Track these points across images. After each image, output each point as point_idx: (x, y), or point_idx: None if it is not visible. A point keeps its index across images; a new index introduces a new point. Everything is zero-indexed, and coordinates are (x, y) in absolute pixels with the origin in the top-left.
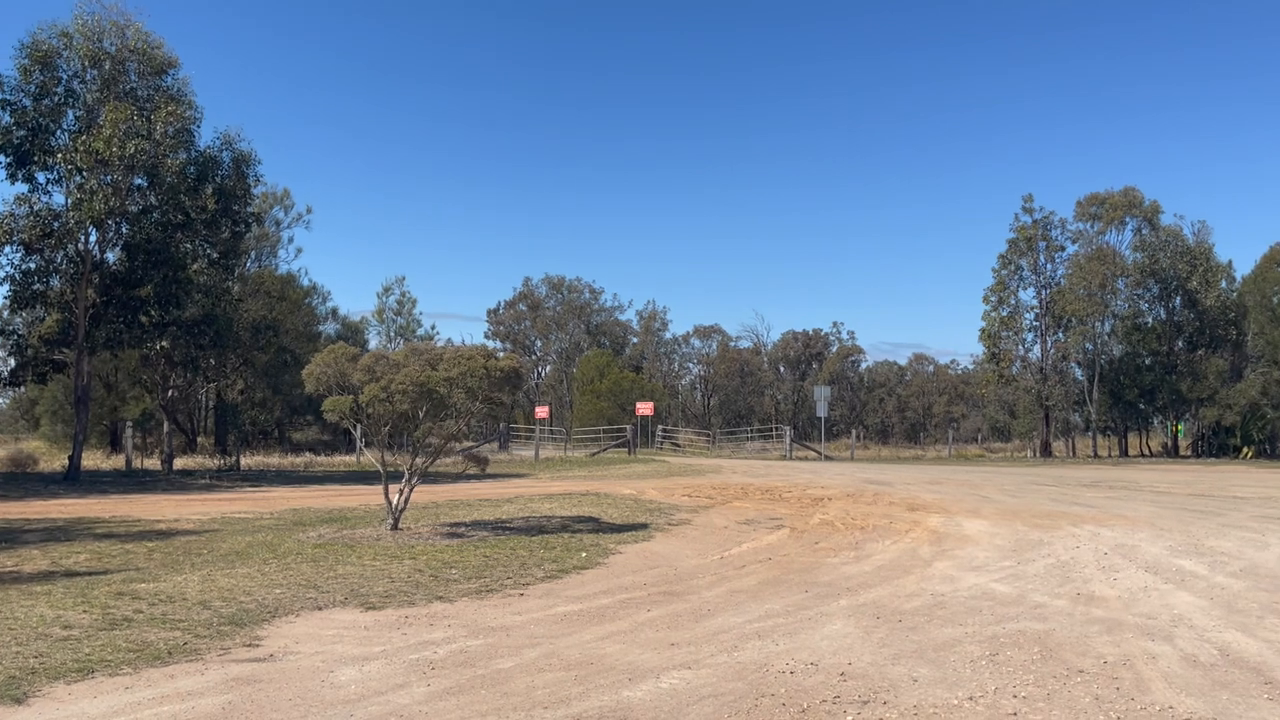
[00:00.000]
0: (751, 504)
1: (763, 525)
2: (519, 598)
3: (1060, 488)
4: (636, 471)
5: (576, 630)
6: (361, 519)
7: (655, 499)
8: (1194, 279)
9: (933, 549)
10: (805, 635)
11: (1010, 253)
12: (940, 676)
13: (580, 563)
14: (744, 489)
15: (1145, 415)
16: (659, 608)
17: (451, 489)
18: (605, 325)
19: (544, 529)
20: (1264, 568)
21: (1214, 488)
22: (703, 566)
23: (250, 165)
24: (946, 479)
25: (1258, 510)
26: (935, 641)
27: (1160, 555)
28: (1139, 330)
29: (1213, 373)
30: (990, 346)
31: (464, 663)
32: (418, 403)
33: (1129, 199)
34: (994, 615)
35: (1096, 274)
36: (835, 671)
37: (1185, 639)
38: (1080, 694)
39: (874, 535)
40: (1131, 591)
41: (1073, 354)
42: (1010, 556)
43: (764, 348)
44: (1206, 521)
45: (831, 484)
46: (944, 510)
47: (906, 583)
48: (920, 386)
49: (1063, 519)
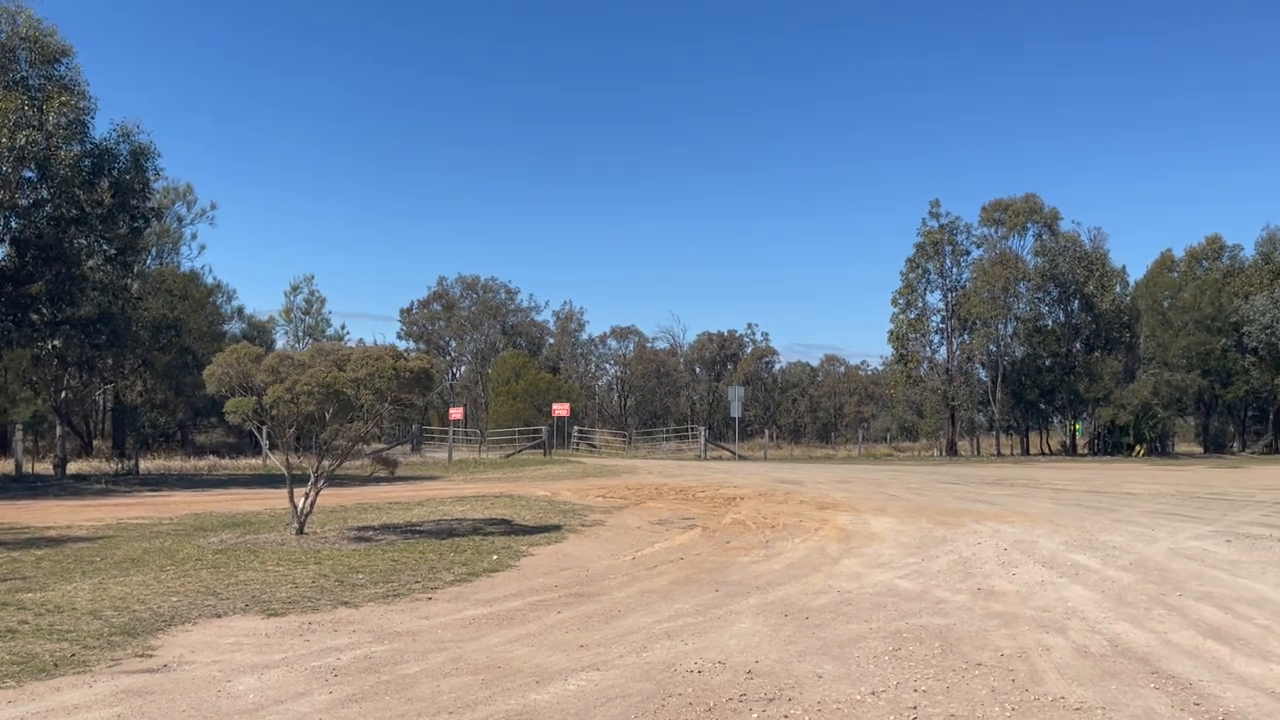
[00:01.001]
0: (665, 504)
1: (676, 525)
2: (427, 602)
3: (964, 486)
4: (551, 473)
5: (485, 634)
6: (266, 523)
7: (569, 500)
8: (1091, 283)
9: (841, 547)
10: (714, 634)
11: (918, 256)
12: (845, 672)
13: (491, 565)
14: (658, 489)
15: (1045, 415)
16: (569, 609)
17: (361, 492)
18: (521, 326)
19: (455, 532)
20: (1151, 561)
21: (1108, 485)
22: (615, 567)
23: (149, 158)
24: (856, 478)
25: (1147, 506)
26: (841, 638)
27: (1057, 550)
28: (1039, 332)
29: (1108, 374)
30: (898, 348)
31: (368, 669)
32: (324, 404)
33: (1030, 205)
34: (898, 611)
35: (1000, 278)
36: (742, 670)
37: (1078, 631)
38: (978, 686)
39: (784, 534)
40: (1029, 586)
41: (977, 355)
42: (915, 553)
43: (680, 349)
44: (1100, 517)
45: (744, 483)
46: (853, 508)
47: (814, 580)
48: (832, 387)
49: (966, 516)
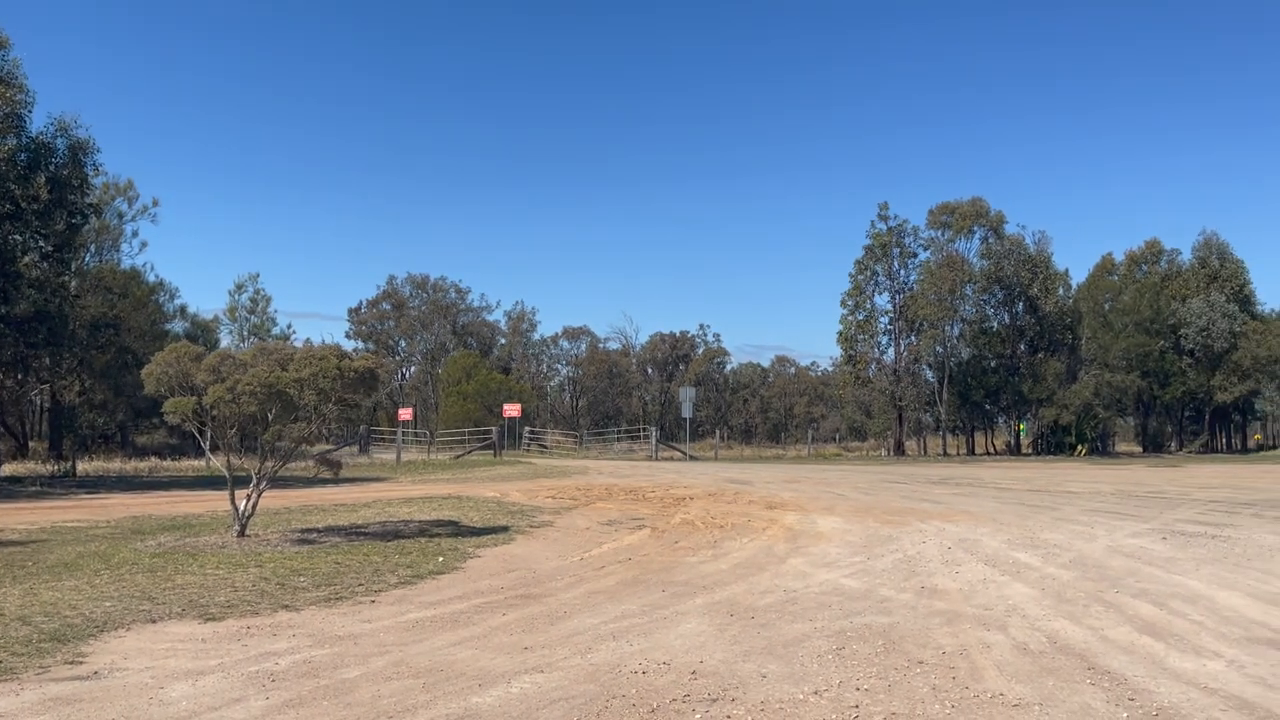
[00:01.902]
0: (615, 505)
1: (625, 526)
2: (370, 605)
3: (911, 485)
4: (501, 474)
5: (428, 637)
6: (206, 526)
7: (518, 501)
8: (1035, 286)
9: (788, 546)
10: (660, 635)
11: (867, 259)
12: (788, 672)
13: (436, 567)
14: (608, 490)
15: (990, 415)
16: (515, 611)
17: (306, 494)
18: (472, 326)
19: (401, 534)
20: (1090, 559)
21: (1050, 484)
22: (562, 568)
23: (88, 153)
24: (805, 478)
25: (1087, 504)
26: (785, 637)
27: (999, 548)
28: (985, 334)
29: (1051, 375)
30: (847, 349)
31: (307, 673)
32: (266, 404)
33: (976, 209)
34: (843, 610)
35: (946, 280)
36: (687, 670)
37: (1018, 628)
38: (919, 684)
39: (732, 533)
40: (971, 584)
41: (924, 356)
42: (861, 552)
43: (633, 349)
44: (1042, 516)
45: (694, 484)
46: (800, 508)
47: (761, 580)
48: (782, 388)
49: (911, 515)
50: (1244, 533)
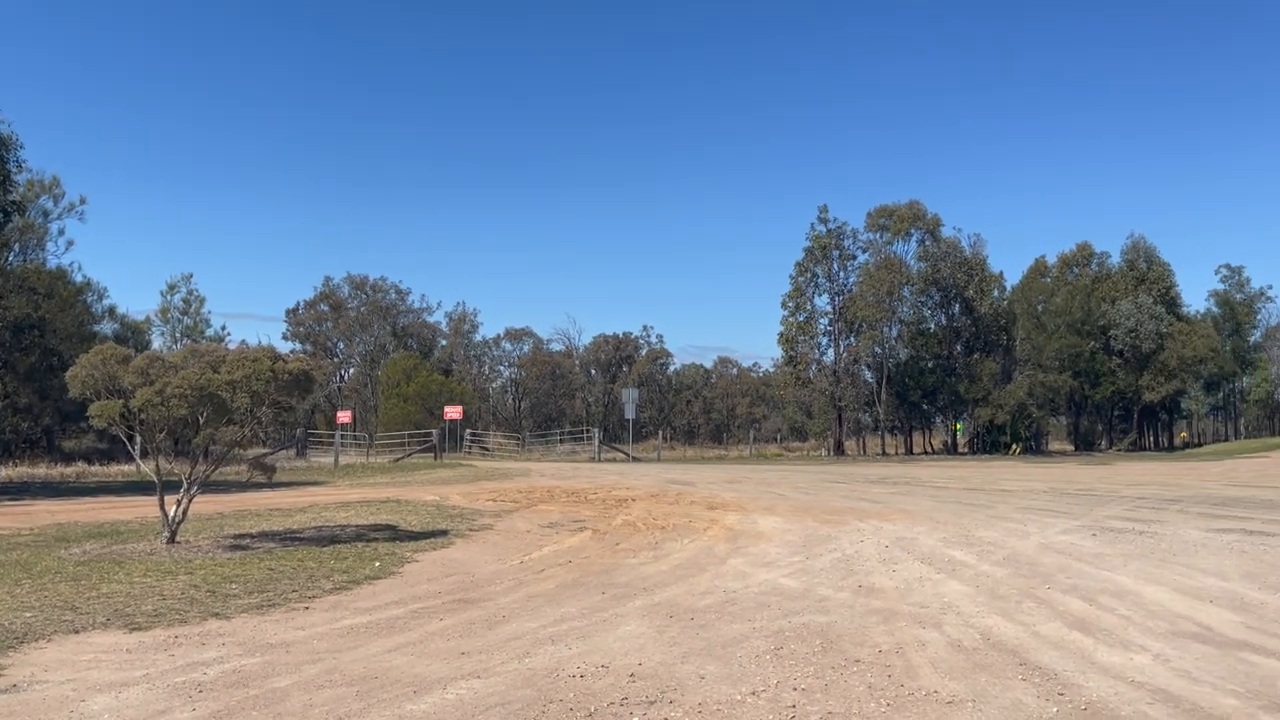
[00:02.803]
0: (557, 507)
1: (566, 528)
2: (304, 612)
3: (850, 484)
4: (442, 477)
5: (363, 643)
6: (135, 533)
7: (459, 504)
8: (970, 288)
9: (728, 546)
10: (599, 638)
11: (807, 261)
12: (727, 673)
13: (373, 573)
14: (550, 492)
15: (928, 415)
16: (452, 616)
17: (240, 499)
18: (412, 327)
19: (337, 539)
20: (1023, 556)
21: (985, 482)
22: (501, 572)
23: (10, 149)
24: (746, 478)
25: (1021, 502)
26: (724, 638)
27: (935, 547)
28: (922, 335)
29: (986, 375)
30: (788, 350)
31: (236, 683)
32: (197, 407)
33: (914, 212)
34: (781, 610)
35: (885, 282)
36: (625, 673)
37: (952, 625)
38: (855, 683)
39: (673, 535)
40: (908, 582)
41: (863, 357)
42: (800, 552)
43: (576, 350)
44: (977, 514)
45: (637, 485)
46: (741, 508)
47: (701, 581)
48: (725, 389)
49: (850, 515)
50: (1170, 529)
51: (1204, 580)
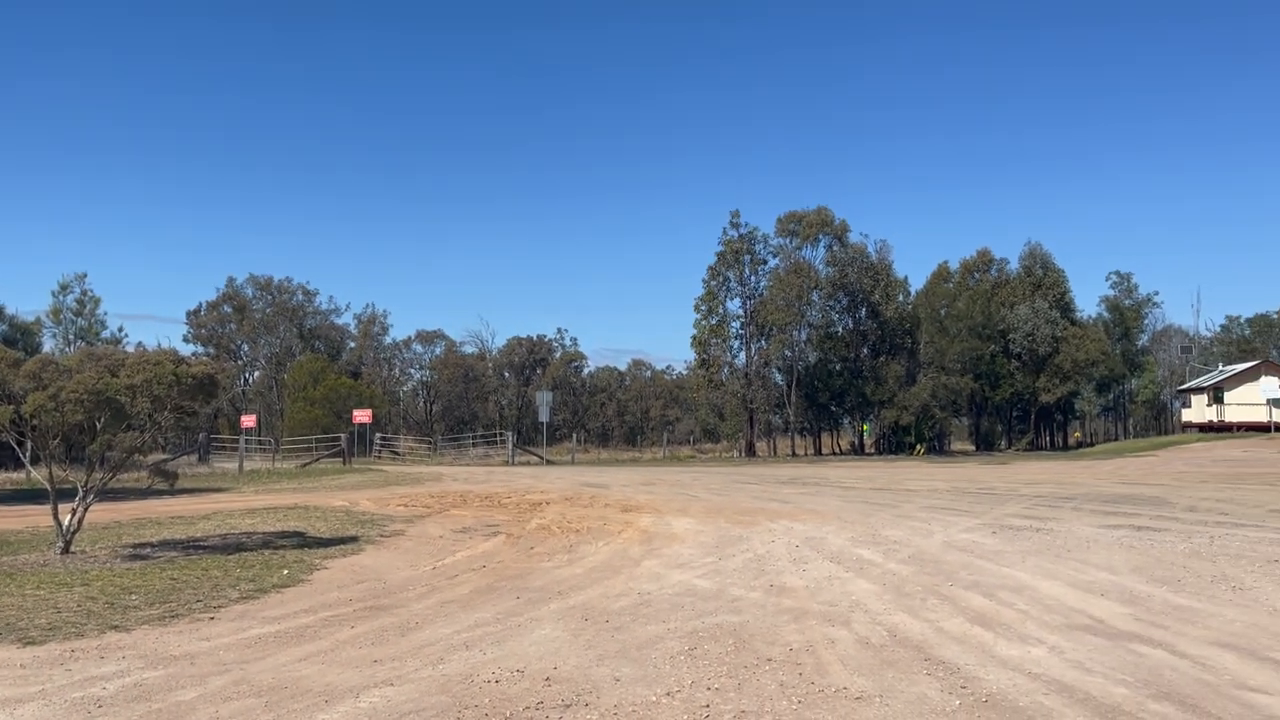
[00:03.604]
0: (470, 511)
1: (479, 533)
2: (208, 622)
3: (761, 486)
4: (351, 482)
5: (272, 653)
6: (26, 543)
7: (369, 510)
8: (877, 292)
9: (643, 548)
10: (514, 642)
11: (719, 265)
12: (642, 674)
13: (281, 581)
14: (463, 496)
15: (836, 416)
16: (364, 623)
17: (139, 506)
18: (320, 329)
19: (243, 546)
20: (928, 554)
21: (891, 482)
22: (414, 578)
23: None
24: (660, 480)
25: (925, 501)
26: (639, 640)
27: (844, 546)
28: (830, 338)
29: (892, 377)
30: (701, 353)
31: (138, 697)
32: (94, 413)
33: (822, 218)
34: (695, 610)
35: (794, 286)
36: (541, 677)
37: (861, 623)
38: (767, 681)
39: (588, 538)
40: (818, 581)
41: (774, 360)
42: (713, 553)
43: (489, 353)
44: (883, 513)
45: (551, 488)
46: (655, 510)
47: (616, 583)
48: (639, 391)
49: (761, 515)
50: (1065, 525)
51: (1096, 575)
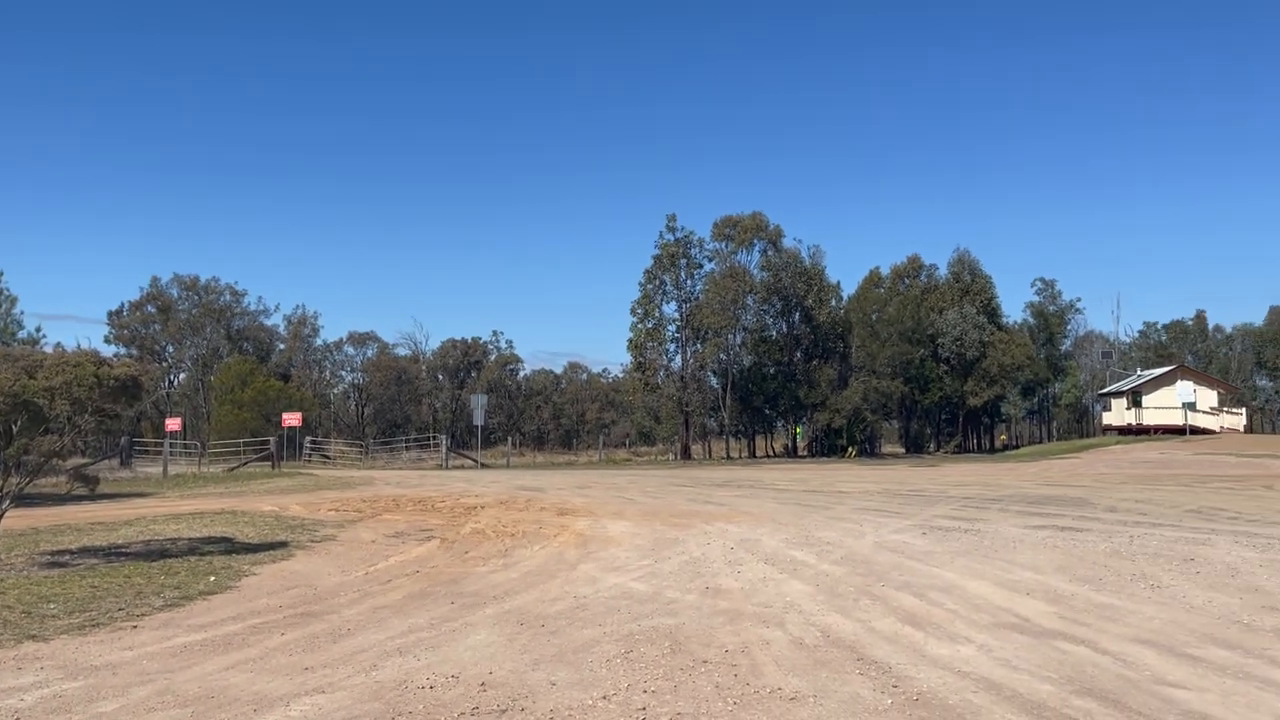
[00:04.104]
0: (403, 516)
1: (413, 537)
2: (131, 631)
3: (696, 488)
4: (280, 486)
5: (198, 662)
6: None
7: (299, 515)
8: (810, 297)
9: (579, 552)
10: (448, 648)
11: (655, 269)
12: (578, 678)
13: (208, 587)
14: (396, 501)
15: (770, 419)
16: (294, 630)
17: (58, 512)
18: (249, 330)
19: (168, 553)
20: (860, 555)
21: (824, 484)
22: (345, 584)
23: None
24: (596, 483)
25: (857, 503)
26: (575, 644)
27: (778, 548)
28: (765, 342)
29: (824, 381)
30: (637, 356)
31: (57, 709)
32: (10, 416)
33: (757, 223)
34: (631, 613)
35: (730, 290)
36: (476, 682)
37: (795, 624)
38: (703, 683)
39: (524, 541)
40: (753, 583)
41: (709, 363)
42: (649, 556)
43: (423, 355)
44: (816, 515)
45: (485, 492)
46: (591, 514)
47: (551, 587)
48: (575, 394)
49: (697, 518)
50: (992, 526)
51: (1022, 574)
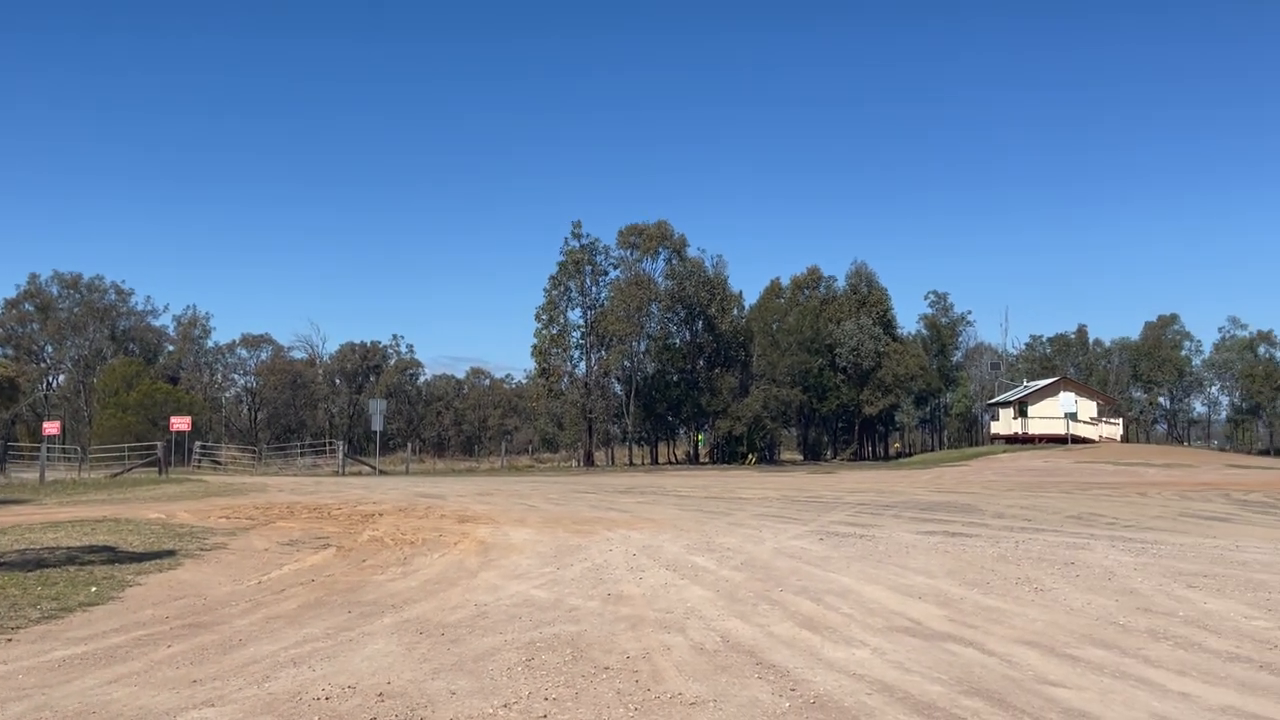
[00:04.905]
0: (298, 523)
1: (308, 545)
2: (5, 644)
3: (599, 495)
4: (168, 493)
5: (78, 676)
6: None
7: (187, 522)
8: (713, 306)
9: (480, 559)
10: (345, 658)
11: (561, 275)
12: (478, 687)
13: (89, 598)
14: (290, 508)
15: (673, 426)
16: (182, 642)
17: None
18: (135, 331)
19: (45, 562)
20: (759, 560)
21: (725, 491)
22: (237, 593)
23: None
24: (498, 490)
25: (757, 509)
26: (476, 652)
27: (679, 554)
28: (669, 350)
29: (726, 389)
30: (541, 362)
31: None
32: None
33: (662, 231)
34: (533, 621)
35: (634, 298)
36: (374, 692)
37: (695, 629)
38: (605, 689)
39: (423, 549)
40: (654, 589)
41: (613, 370)
42: (551, 563)
43: (320, 359)
44: (717, 521)
45: (384, 499)
46: (493, 521)
47: (452, 595)
48: (477, 400)
49: (599, 524)
50: (886, 532)
51: (914, 579)
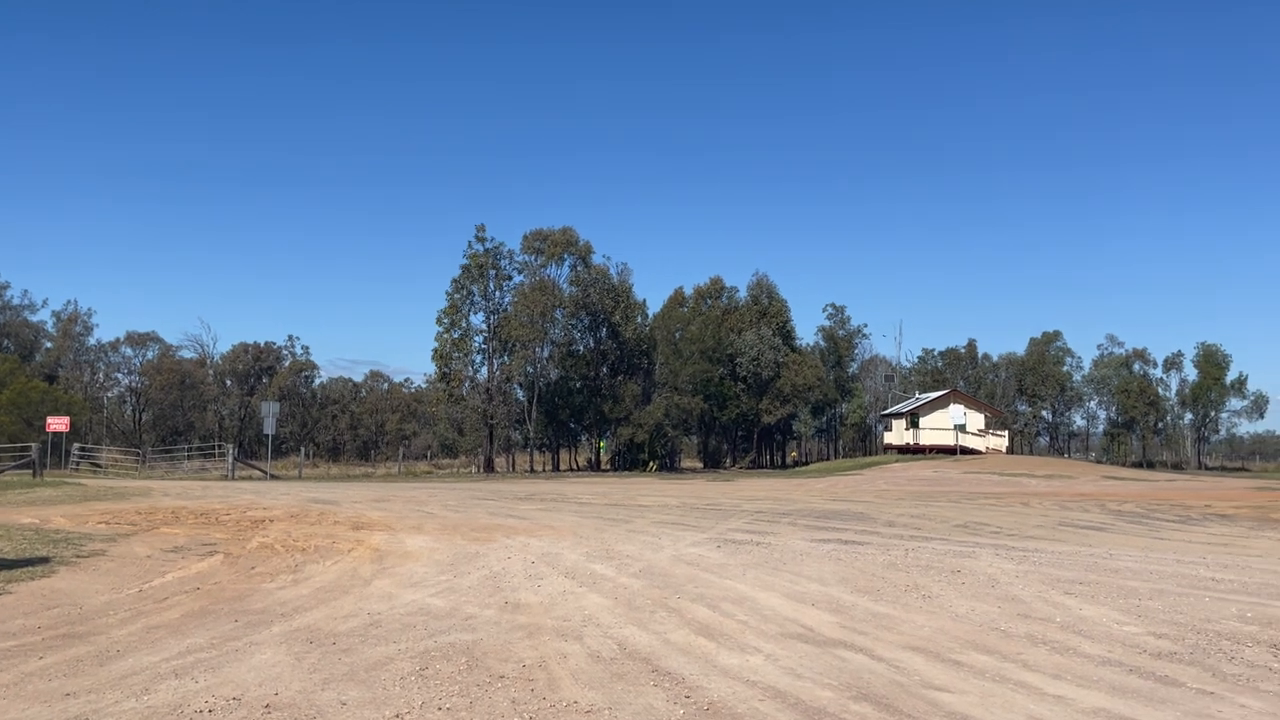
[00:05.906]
0: (183, 529)
1: (194, 552)
2: None
3: (499, 501)
4: (43, 497)
5: None
6: None
7: (63, 528)
8: (617, 313)
9: (374, 567)
10: (230, 668)
11: (463, 278)
12: (370, 697)
13: None
14: (175, 513)
15: (575, 433)
16: (55, 653)
17: None
18: (10, 326)
19: None
20: (657, 568)
21: (625, 498)
22: (115, 602)
23: None
24: (394, 496)
25: (656, 517)
26: (368, 662)
27: (579, 561)
28: (572, 356)
29: (629, 396)
30: (442, 366)
31: None
32: None
33: (567, 237)
34: (427, 630)
35: (539, 304)
36: (260, 704)
37: (593, 637)
38: (500, 698)
39: (315, 557)
40: (552, 597)
41: (516, 376)
42: (448, 571)
43: (210, 359)
44: (617, 529)
45: (275, 505)
46: (388, 527)
47: (344, 603)
48: (374, 404)
49: (498, 531)
50: (781, 540)
51: (808, 586)
